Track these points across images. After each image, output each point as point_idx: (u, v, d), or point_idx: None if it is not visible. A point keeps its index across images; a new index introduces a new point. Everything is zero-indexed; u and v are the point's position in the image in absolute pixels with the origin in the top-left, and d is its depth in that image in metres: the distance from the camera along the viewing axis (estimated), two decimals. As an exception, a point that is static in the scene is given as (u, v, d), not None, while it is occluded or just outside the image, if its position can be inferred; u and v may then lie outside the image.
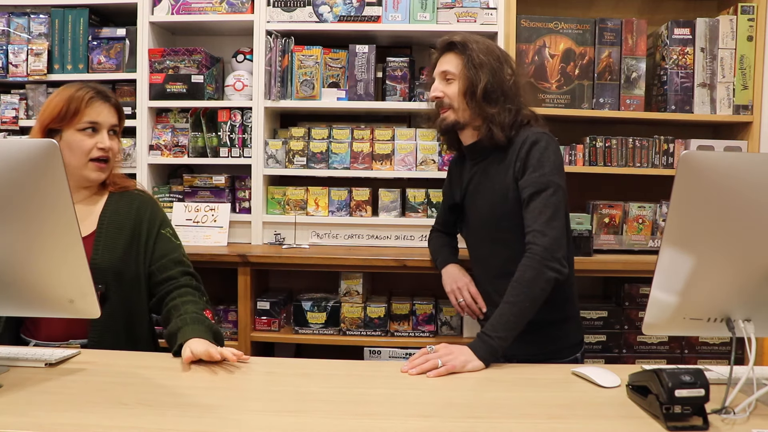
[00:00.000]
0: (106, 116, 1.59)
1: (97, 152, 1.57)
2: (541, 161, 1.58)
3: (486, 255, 1.74)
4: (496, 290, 1.68)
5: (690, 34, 2.35)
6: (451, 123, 1.70)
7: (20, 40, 2.53)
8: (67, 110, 1.54)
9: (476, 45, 1.67)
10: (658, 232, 2.38)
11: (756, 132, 2.34)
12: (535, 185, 1.56)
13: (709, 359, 2.25)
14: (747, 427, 1.04)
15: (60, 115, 1.54)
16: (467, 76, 1.65)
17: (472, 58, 1.65)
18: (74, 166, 1.56)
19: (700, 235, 1.09)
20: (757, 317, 1.15)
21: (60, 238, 1.16)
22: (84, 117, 1.55)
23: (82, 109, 1.55)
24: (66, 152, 1.53)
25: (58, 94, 1.58)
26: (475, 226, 1.76)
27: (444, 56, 1.72)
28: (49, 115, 1.55)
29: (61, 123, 1.55)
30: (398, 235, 2.39)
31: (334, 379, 1.30)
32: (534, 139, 1.60)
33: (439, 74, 1.71)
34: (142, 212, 1.66)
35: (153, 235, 1.65)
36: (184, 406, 1.11)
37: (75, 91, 1.57)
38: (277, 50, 2.43)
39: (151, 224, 1.66)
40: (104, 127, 1.59)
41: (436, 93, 1.70)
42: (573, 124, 2.53)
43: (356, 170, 2.44)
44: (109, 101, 1.60)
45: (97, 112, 1.57)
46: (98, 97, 1.58)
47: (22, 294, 1.23)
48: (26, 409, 1.08)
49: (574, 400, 1.18)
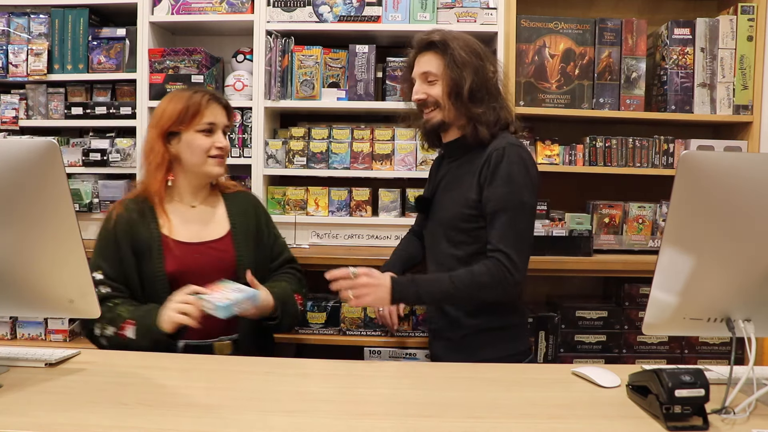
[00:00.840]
0: (221, 117, 1.69)
1: (215, 151, 1.67)
2: (510, 176, 1.54)
3: (440, 253, 1.70)
4: None
5: (690, 34, 2.35)
6: (437, 123, 1.66)
7: (20, 40, 2.52)
8: (186, 113, 1.63)
9: (456, 43, 1.61)
10: (658, 232, 2.38)
11: (756, 132, 2.34)
12: (502, 201, 1.53)
13: (709, 359, 2.25)
14: (747, 427, 1.04)
15: (180, 118, 1.64)
16: (451, 76, 1.60)
17: (455, 57, 1.59)
18: (195, 164, 1.67)
19: (700, 235, 1.09)
20: (757, 317, 1.15)
21: (60, 238, 1.16)
22: (203, 118, 1.65)
23: (202, 111, 1.64)
24: (186, 152, 1.66)
25: (171, 100, 1.67)
26: (435, 223, 1.73)
27: (423, 56, 1.66)
28: (169, 118, 1.64)
29: (180, 125, 1.64)
30: (398, 235, 2.39)
31: (334, 379, 1.31)
32: (506, 150, 1.56)
33: (419, 75, 1.66)
34: (259, 213, 1.81)
35: (271, 235, 1.81)
36: (184, 406, 1.11)
37: (191, 94, 1.66)
38: (277, 50, 2.43)
39: (267, 225, 1.82)
40: (219, 127, 1.69)
41: (420, 95, 1.65)
42: (573, 124, 2.53)
43: (356, 170, 2.44)
44: (221, 103, 1.70)
45: (214, 113, 1.67)
46: (214, 99, 1.68)
47: (22, 294, 1.23)
48: (26, 409, 1.08)
49: (574, 400, 1.18)
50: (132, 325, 1.50)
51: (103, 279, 1.59)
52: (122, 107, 2.50)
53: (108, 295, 1.57)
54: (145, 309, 1.54)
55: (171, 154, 1.67)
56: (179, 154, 1.67)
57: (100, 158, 2.48)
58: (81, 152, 2.50)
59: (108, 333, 1.52)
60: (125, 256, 1.61)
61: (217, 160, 1.68)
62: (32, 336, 2.36)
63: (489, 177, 1.56)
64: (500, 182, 1.54)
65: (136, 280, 1.61)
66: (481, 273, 1.52)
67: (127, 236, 1.62)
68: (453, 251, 1.65)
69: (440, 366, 1.51)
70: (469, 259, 1.60)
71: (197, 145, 1.65)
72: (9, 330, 2.36)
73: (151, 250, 1.61)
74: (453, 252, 1.65)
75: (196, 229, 1.68)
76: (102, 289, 1.56)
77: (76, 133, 2.64)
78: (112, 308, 1.54)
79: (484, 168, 1.58)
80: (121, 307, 1.55)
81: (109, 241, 1.63)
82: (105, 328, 1.53)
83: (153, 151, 1.66)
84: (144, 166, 1.71)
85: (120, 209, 1.67)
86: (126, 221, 1.64)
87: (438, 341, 1.74)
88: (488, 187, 1.56)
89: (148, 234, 1.63)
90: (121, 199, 1.75)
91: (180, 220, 1.68)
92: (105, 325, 1.52)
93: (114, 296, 1.58)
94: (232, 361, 1.40)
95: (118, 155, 2.48)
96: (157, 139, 1.65)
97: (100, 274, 1.59)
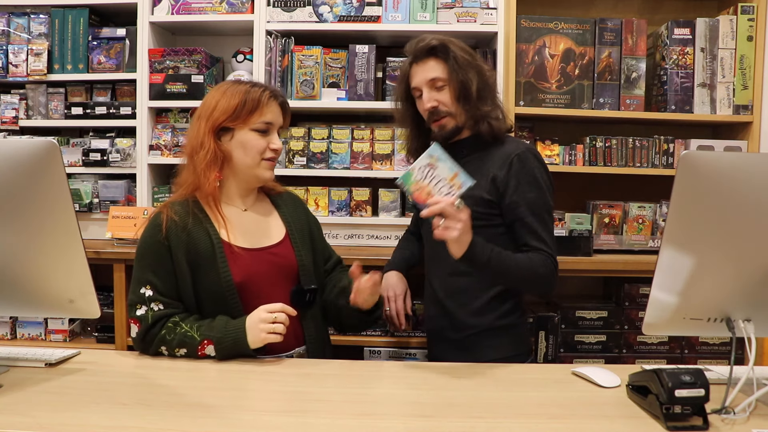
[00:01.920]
0: (278, 116, 1.54)
1: (269, 153, 1.52)
2: (537, 180, 1.58)
3: (442, 253, 1.65)
4: (444, 289, 1.68)
5: (690, 34, 2.35)
6: (452, 130, 1.64)
7: (20, 40, 2.52)
8: (243, 107, 1.47)
9: (454, 45, 1.62)
10: (658, 232, 2.38)
11: (756, 132, 2.34)
12: (533, 205, 1.57)
13: (709, 359, 2.25)
14: (747, 427, 1.04)
15: (236, 113, 1.48)
16: (458, 79, 1.60)
17: (457, 60, 1.60)
18: (247, 165, 1.51)
19: (700, 235, 1.09)
20: (757, 317, 1.15)
21: (60, 238, 1.16)
22: (261, 116, 1.49)
23: (261, 109, 1.49)
24: (238, 151, 1.50)
25: (225, 92, 1.50)
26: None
27: (424, 62, 1.63)
28: (223, 112, 1.48)
29: (235, 121, 1.48)
30: (398, 235, 2.39)
31: (334, 379, 1.31)
32: (526, 155, 1.60)
33: (426, 83, 1.63)
34: (308, 214, 1.70)
35: (321, 237, 1.71)
36: (184, 406, 1.11)
37: (249, 88, 1.50)
38: (277, 50, 2.43)
39: (316, 226, 1.70)
40: (275, 128, 1.54)
41: (432, 103, 1.62)
42: (573, 124, 2.53)
43: (356, 170, 2.44)
44: (277, 100, 1.54)
45: (272, 111, 1.52)
46: (273, 96, 1.53)
47: (22, 294, 1.23)
48: (26, 409, 1.08)
49: (574, 400, 1.18)
50: (211, 345, 1.38)
51: (154, 295, 1.43)
52: (122, 107, 2.50)
53: (163, 314, 1.42)
54: (220, 326, 1.40)
55: (222, 152, 1.50)
56: (230, 153, 1.50)
57: (100, 158, 2.48)
58: (81, 152, 2.50)
59: (181, 354, 1.40)
60: (180, 267, 1.44)
61: (269, 163, 1.53)
62: (32, 336, 2.37)
63: (513, 181, 1.57)
64: (527, 187, 1.57)
65: (190, 293, 1.46)
66: (539, 264, 1.53)
67: (182, 245, 1.45)
68: None
69: (440, 366, 1.51)
70: None
71: (252, 145, 1.49)
72: (9, 330, 2.36)
73: (213, 259, 1.45)
74: None
75: (252, 234, 1.53)
76: (154, 307, 1.42)
77: (76, 133, 2.65)
78: (174, 329, 1.41)
79: (503, 172, 1.58)
80: (185, 324, 1.41)
81: (160, 252, 1.44)
82: (177, 351, 1.40)
83: (203, 147, 1.48)
84: (190, 163, 1.52)
85: (169, 214, 1.48)
86: (180, 228, 1.46)
87: (439, 343, 1.74)
88: (515, 191, 1.57)
89: (208, 241, 1.46)
90: (165, 202, 1.56)
91: (236, 225, 1.52)
92: (176, 348, 1.40)
93: (169, 314, 1.43)
94: (232, 361, 1.40)
95: (118, 155, 2.48)
96: (207, 134, 1.48)
97: (150, 290, 1.43)
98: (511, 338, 1.66)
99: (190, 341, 1.39)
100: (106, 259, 2.24)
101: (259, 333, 1.36)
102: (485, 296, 1.62)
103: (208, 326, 1.40)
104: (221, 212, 1.51)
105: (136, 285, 1.45)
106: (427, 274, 1.78)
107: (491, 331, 1.63)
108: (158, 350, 1.42)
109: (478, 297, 1.63)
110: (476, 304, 1.63)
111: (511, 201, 1.57)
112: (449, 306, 1.67)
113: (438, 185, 1.37)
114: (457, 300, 1.65)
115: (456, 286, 1.65)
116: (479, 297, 1.63)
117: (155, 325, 1.42)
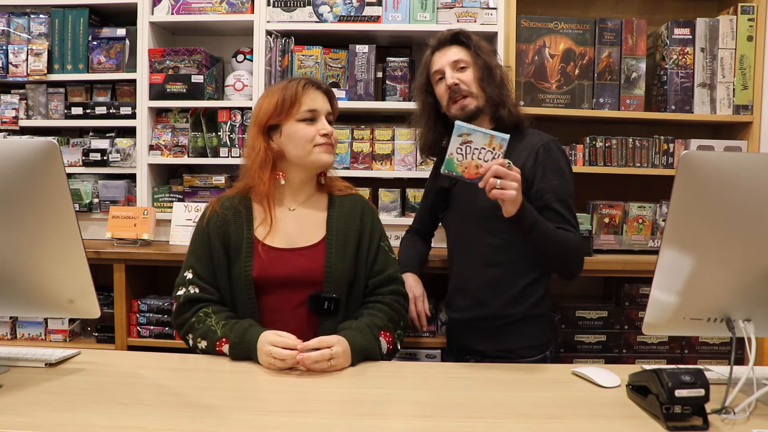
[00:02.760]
0: (321, 103, 1.55)
1: (320, 138, 1.53)
2: (561, 169, 1.65)
3: (474, 243, 1.71)
4: (478, 280, 1.69)
5: (690, 34, 2.35)
6: (473, 110, 1.67)
7: (20, 40, 2.52)
8: (283, 103, 1.51)
9: (474, 36, 1.72)
10: (658, 232, 2.38)
11: (756, 132, 2.34)
12: (559, 192, 1.62)
13: (709, 359, 2.25)
14: (747, 427, 1.04)
15: (277, 110, 1.52)
16: (481, 61, 1.67)
17: (480, 48, 1.69)
18: (300, 156, 1.53)
19: (700, 235, 1.09)
20: (757, 317, 1.15)
21: (60, 238, 1.16)
22: (302, 106, 1.52)
23: (299, 98, 1.52)
24: (289, 145, 1.53)
25: (267, 95, 1.56)
26: (465, 213, 1.73)
27: (447, 50, 1.71)
28: (266, 112, 1.53)
29: (279, 117, 1.52)
30: (398, 235, 2.38)
31: (333, 379, 1.30)
32: (550, 145, 1.66)
33: (450, 64, 1.69)
34: (365, 220, 1.60)
35: (374, 246, 1.59)
36: (184, 406, 1.11)
37: (286, 84, 1.54)
38: (277, 50, 2.43)
39: (373, 235, 1.60)
40: (322, 114, 1.55)
41: (453, 80, 1.66)
42: (573, 124, 2.52)
43: (356, 170, 2.44)
44: (320, 88, 1.57)
45: (312, 99, 1.54)
46: (311, 84, 1.55)
47: (22, 294, 1.23)
48: (26, 409, 1.08)
49: (574, 400, 1.18)
50: (227, 344, 1.41)
51: (193, 278, 1.51)
52: (122, 107, 2.50)
53: (196, 297, 1.49)
54: (240, 329, 1.41)
55: (274, 151, 1.54)
56: (283, 149, 1.54)
57: (100, 158, 2.48)
58: (81, 152, 2.50)
59: (201, 346, 1.45)
60: (217, 255, 1.52)
61: (324, 147, 1.53)
62: (32, 336, 2.37)
63: (540, 170, 1.62)
64: (552, 175, 1.62)
65: (226, 282, 1.52)
66: (574, 241, 1.59)
67: (219, 235, 1.53)
68: (491, 240, 1.67)
69: (440, 366, 1.51)
70: (507, 247, 1.64)
71: (300, 135, 1.52)
72: (9, 330, 2.36)
73: (240, 252, 1.51)
74: (491, 240, 1.67)
75: (290, 234, 1.54)
76: (191, 289, 1.50)
77: (76, 133, 2.65)
78: (203, 319, 1.46)
79: (530, 161, 1.63)
80: (213, 319, 1.45)
81: (202, 239, 1.54)
82: (199, 342, 1.45)
83: (254, 150, 1.54)
84: (246, 165, 1.59)
85: (215, 206, 1.57)
86: (220, 219, 1.54)
87: (467, 332, 1.74)
88: (541, 179, 1.62)
89: (239, 235, 1.52)
90: (219, 195, 1.63)
91: (277, 224, 1.54)
92: (199, 339, 1.45)
93: (203, 300, 1.49)
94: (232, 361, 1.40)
95: (118, 155, 2.48)
96: (257, 136, 1.54)
97: (190, 273, 1.51)
98: (542, 326, 1.70)
99: (211, 335, 1.43)
100: (106, 259, 2.24)
101: (265, 357, 1.35)
102: (519, 286, 1.66)
103: (230, 326, 1.43)
104: (270, 212, 1.54)
105: (182, 268, 1.54)
106: (455, 266, 1.79)
107: (524, 320, 1.66)
108: (186, 336, 1.48)
109: (512, 287, 1.66)
110: (510, 294, 1.66)
111: (539, 188, 1.62)
112: (483, 297, 1.68)
113: (481, 154, 1.39)
114: (492, 290, 1.67)
115: (491, 277, 1.67)
116: (513, 287, 1.66)
117: (187, 307, 1.49)
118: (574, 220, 1.64)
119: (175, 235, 2.43)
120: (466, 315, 1.73)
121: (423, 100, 1.78)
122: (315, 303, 1.49)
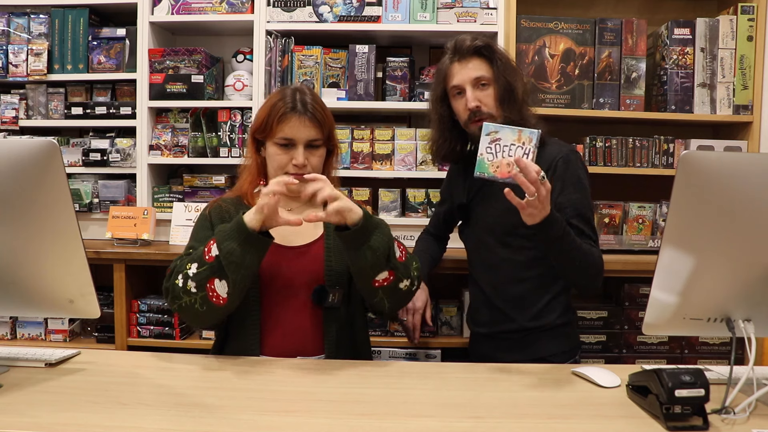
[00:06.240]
0: (301, 131, 1.47)
1: (292, 168, 1.48)
2: (581, 181, 1.60)
3: (495, 260, 1.68)
4: (502, 296, 1.67)
5: (690, 34, 2.35)
6: None
7: (20, 40, 2.53)
8: (267, 123, 1.49)
9: (497, 47, 1.64)
10: (658, 232, 2.38)
11: (756, 132, 2.34)
12: (579, 206, 1.57)
13: (709, 359, 2.25)
14: (747, 427, 1.04)
15: (261, 126, 1.50)
16: (503, 80, 1.59)
17: (503, 62, 1.61)
18: (274, 177, 1.48)
19: (700, 235, 1.09)
20: (757, 317, 1.15)
21: (60, 238, 1.16)
22: (278, 132, 1.48)
23: (277, 125, 1.47)
24: (269, 161, 1.53)
25: (264, 104, 1.54)
26: (485, 230, 1.69)
27: (468, 61, 1.61)
28: (256, 125, 1.53)
29: (263, 134, 1.51)
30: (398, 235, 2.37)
31: (334, 379, 1.30)
32: (570, 157, 1.61)
33: (471, 81, 1.60)
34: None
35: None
36: (184, 406, 1.11)
37: (276, 102, 1.50)
38: (277, 50, 2.43)
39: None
40: (300, 143, 1.48)
41: (475, 103, 1.59)
42: (573, 124, 2.52)
43: (356, 170, 2.44)
44: (305, 114, 1.48)
45: (291, 126, 1.47)
46: (293, 112, 1.48)
47: (22, 294, 1.23)
48: (26, 409, 1.08)
49: (574, 400, 1.18)
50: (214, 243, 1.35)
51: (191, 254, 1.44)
52: (122, 107, 2.51)
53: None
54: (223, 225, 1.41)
55: (262, 159, 1.54)
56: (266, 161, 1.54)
57: (100, 158, 2.48)
58: (81, 152, 2.50)
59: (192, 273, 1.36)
60: None
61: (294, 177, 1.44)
62: (32, 336, 2.37)
63: (558, 183, 1.57)
64: (572, 188, 1.58)
65: None
66: (597, 255, 1.54)
67: (220, 221, 1.49)
68: (513, 256, 1.64)
69: (440, 366, 1.51)
70: (531, 263, 1.62)
71: (274, 159, 1.50)
72: (9, 330, 2.36)
73: None
74: (513, 257, 1.64)
75: (287, 233, 1.51)
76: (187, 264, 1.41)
77: (76, 133, 2.65)
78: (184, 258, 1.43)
79: (549, 174, 1.54)
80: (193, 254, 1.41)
81: (204, 225, 1.53)
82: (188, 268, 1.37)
83: (247, 153, 1.59)
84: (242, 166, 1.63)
85: (218, 201, 1.58)
86: (222, 210, 1.54)
87: (491, 342, 1.71)
88: (560, 193, 1.57)
89: None
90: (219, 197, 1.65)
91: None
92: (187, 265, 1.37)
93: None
94: (232, 361, 1.40)
95: (118, 155, 2.48)
96: (250, 142, 1.56)
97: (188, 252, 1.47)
98: (568, 335, 1.68)
99: (197, 254, 1.38)
100: (106, 259, 2.24)
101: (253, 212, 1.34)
102: (543, 300, 1.63)
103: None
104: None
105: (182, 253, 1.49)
106: (477, 282, 1.75)
107: (550, 330, 1.64)
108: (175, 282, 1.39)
109: (537, 302, 1.63)
110: (536, 309, 1.63)
111: (558, 202, 1.55)
112: (508, 311, 1.66)
113: (511, 150, 1.37)
114: (517, 306, 1.65)
115: (516, 294, 1.65)
116: (538, 302, 1.63)
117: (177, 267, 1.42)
118: (595, 235, 1.59)
119: (175, 235, 2.43)
120: (491, 330, 1.70)
121: (439, 111, 1.71)
122: (319, 296, 1.48)
